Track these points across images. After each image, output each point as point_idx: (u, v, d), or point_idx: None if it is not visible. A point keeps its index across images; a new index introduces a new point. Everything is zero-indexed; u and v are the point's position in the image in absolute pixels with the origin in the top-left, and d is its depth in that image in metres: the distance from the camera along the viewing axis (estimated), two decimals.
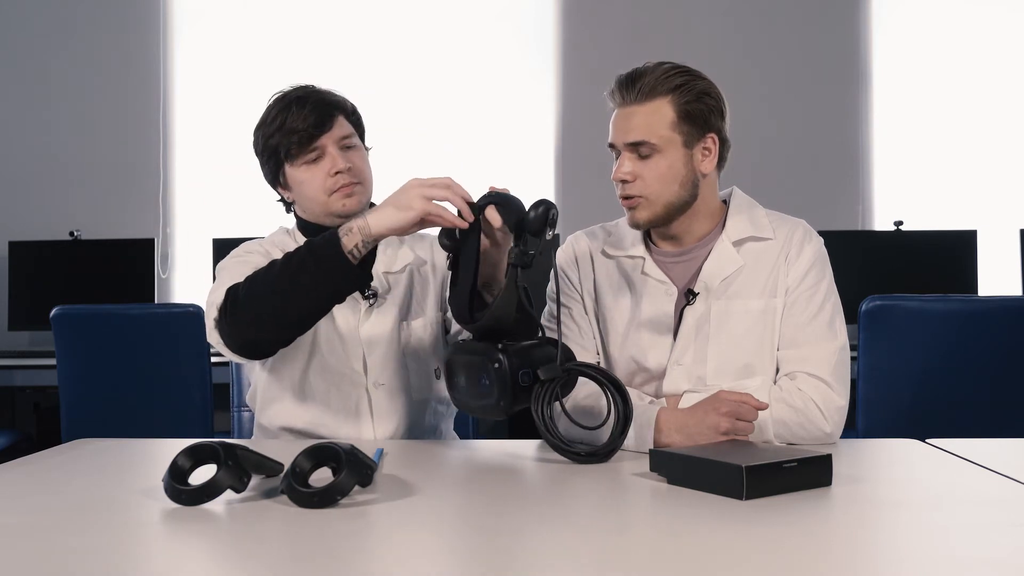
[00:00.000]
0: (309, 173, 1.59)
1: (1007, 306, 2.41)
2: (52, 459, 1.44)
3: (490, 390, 1.31)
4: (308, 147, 1.57)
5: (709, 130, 1.51)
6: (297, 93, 1.60)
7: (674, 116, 1.48)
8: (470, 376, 1.35)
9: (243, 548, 0.97)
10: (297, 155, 1.58)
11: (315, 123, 1.56)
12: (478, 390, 1.34)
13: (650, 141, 1.48)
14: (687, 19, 3.81)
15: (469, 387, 1.36)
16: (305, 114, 1.56)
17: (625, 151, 1.50)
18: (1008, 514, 1.05)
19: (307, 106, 1.57)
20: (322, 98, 1.60)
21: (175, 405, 2.74)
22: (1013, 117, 3.77)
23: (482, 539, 0.97)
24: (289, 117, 1.57)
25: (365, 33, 3.86)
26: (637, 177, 1.50)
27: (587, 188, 3.54)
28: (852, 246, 3.48)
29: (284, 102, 1.59)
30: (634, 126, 1.49)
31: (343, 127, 1.61)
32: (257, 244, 1.68)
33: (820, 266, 1.56)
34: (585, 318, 1.62)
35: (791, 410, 1.45)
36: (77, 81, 3.89)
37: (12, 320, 3.68)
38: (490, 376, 1.31)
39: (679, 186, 1.51)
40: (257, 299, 1.39)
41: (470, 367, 1.35)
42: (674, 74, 1.49)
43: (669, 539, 0.98)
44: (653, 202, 1.51)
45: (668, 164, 1.49)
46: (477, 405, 1.36)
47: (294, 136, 1.56)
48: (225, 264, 1.62)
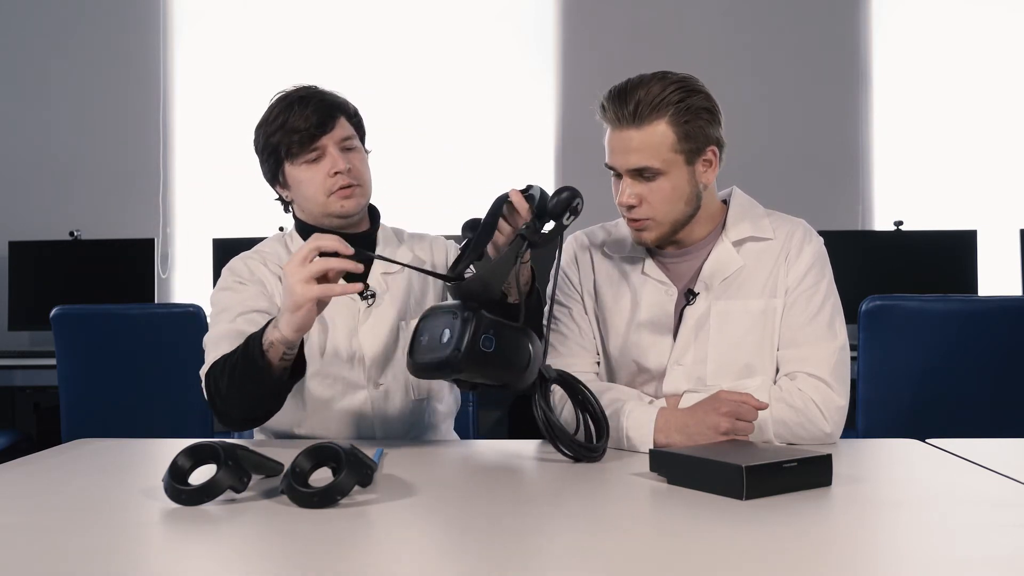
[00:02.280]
0: (309, 173, 1.59)
1: (1007, 306, 2.40)
2: (52, 459, 1.44)
3: (447, 344, 1.22)
4: (309, 147, 1.57)
5: (709, 143, 1.49)
6: (300, 93, 1.61)
7: (674, 138, 1.46)
8: (433, 332, 1.26)
9: (243, 548, 0.97)
10: (297, 154, 1.58)
11: (317, 123, 1.57)
12: (437, 343, 1.24)
13: (653, 166, 1.46)
14: (687, 19, 3.81)
15: (428, 342, 1.26)
16: (307, 114, 1.57)
17: (627, 175, 1.49)
18: (1008, 514, 1.05)
19: (310, 106, 1.57)
20: (324, 99, 1.60)
21: (175, 405, 2.73)
22: (1013, 117, 3.77)
23: (482, 539, 0.97)
24: (291, 116, 1.57)
25: (365, 33, 3.86)
26: (643, 201, 1.49)
27: (587, 188, 3.49)
28: (852, 246, 3.47)
29: (286, 101, 1.60)
30: (634, 151, 1.46)
31: (344, 128, 1.61)
32: (247, 264, 1.66)
33: (820, 266, 1.56)
34: (585, 318, 1.62)
35: (791, 410, 1.45)
36: (77, 81, 3.90)
37: (12, 320, 3.68)
38: (453, 329, 1.22)
39: (685, 204, 1.50)
40: (222, 399, 1.45)
41: (436, 320, 1.27)
42: (670, 92, 1.45)
43: (669, 539, 0.98)
44: (661, 222, 1.51)
45: (672, 185, 1.48)
46: (429, 359, 1.25)
47: (295, 135, 1.57)
48: (214, 303, 1.61)
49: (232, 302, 1.59)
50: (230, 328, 1.53)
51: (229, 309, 1.57)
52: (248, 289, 1.61)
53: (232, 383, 1.42)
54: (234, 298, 1.59)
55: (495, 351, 1.24)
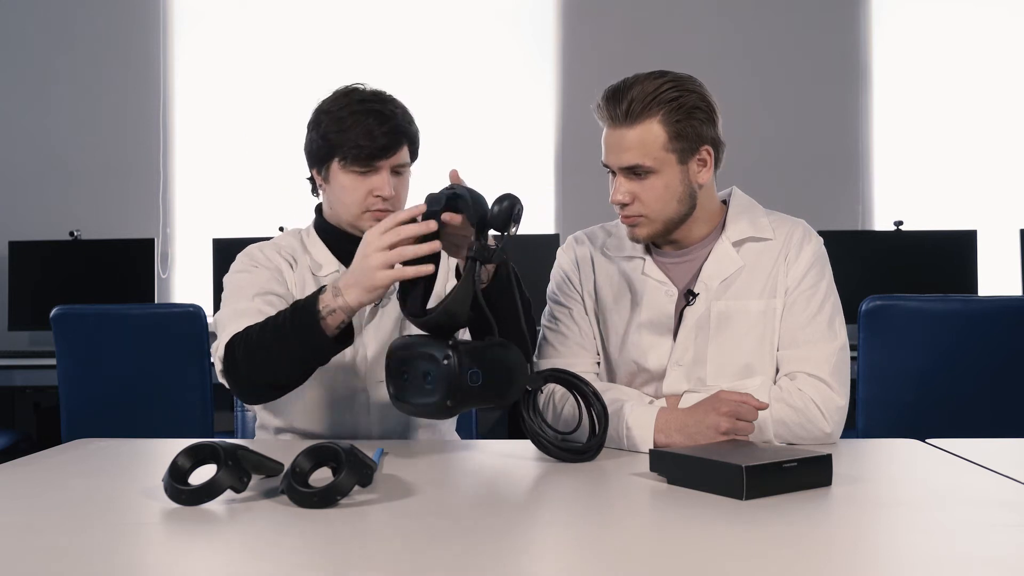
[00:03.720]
0: (353, 183, 1.56)
1: (1007, 306, 2.40)
2: (52, 459, 1.44)
3: (434, 389, 1.24)
4: (365, 163, 1.55)
5: (703, 143, 1.49)
6: (378, 107, 1.56)
7: (666, 137, 1.46)
8: (412, 373, 1.27)
9: (243, 548, 0.97)
10: (352, 163, 1.56)
11: (383, 147, 1.54)
12: (422, 387, 1.26)
13: (644, 164, 1.47)
14: (687, 19, 3.81)
15: (411, 384, 1.28)
16: (377, 134, 1.53)
17: (620, 174, 1.50)
18: (1008, 514, 1.05)
19: (385, 125, 1.54)
20: (398, 124, 1.56)
21: (175, 405, 2.73)
22: (1013, 117, 3.77)
23: (482, 539, 0.97)
24: (361, 127, 1.53)
25: (365, 33, 3.86)
26: (635, 199, 1.49)
27: (587, 188, 3.54)
28: (852, 246, 3.47)
29: (364, 107, 1.55)
30: (626, 149, 1.47)
31: (402, 156, 1.59)
32: (262, 251, 1.66)
33: (820, 266, 1.56)
34: (585, 319, 1.62)
35: (791, 410, 1.45)
36: (77, 81, 3.90)
37: (12, 320, 3.68)
38: (435, 373, 1.24)
39: (677, 202, 1.51)
40: (249, 364, 1.42)
41: (415, 362, 1.27)
42: (663, 90, 1.46)
43: (669, 539, 0.98)
44: (653, 220, 1.51)
45: (664, 184, 1.48)
46: (419, 403, 1.28)
47: (357, 149, 1.54)
48: (229, 283, 1.61)
49: (248, 283, 1.58)
50: (249, 306, 1.52)
51: (245, 288, 1.56)
52: (263, 272, 1.60)
53: (269, 348, 1.39)
54: (250, 279, 1.59)
55: (483, 383, 1.25)
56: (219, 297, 1.63)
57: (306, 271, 1.64)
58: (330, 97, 1.60)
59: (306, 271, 1.64)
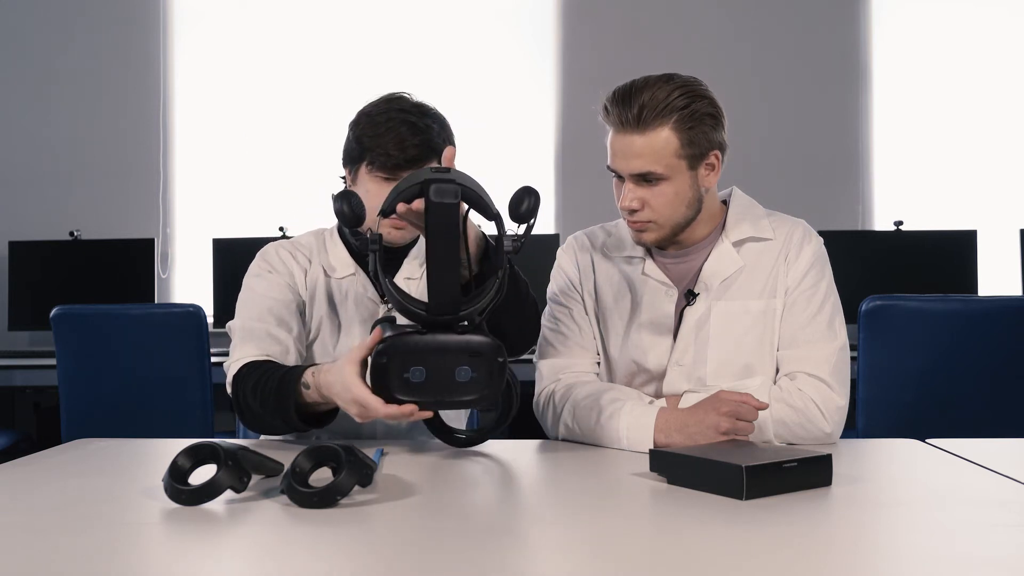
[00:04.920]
0: (378, 188, 1.55)
1: (1007, 306, 2.40)
2: (52, 459, 1.44)
3: (478, 385, 1.21)
4: (391, 171, 1.54)
5: (712, 148, 1.49)
6: (414, 119, 1.55)
7: (677, 144, 1.45)
8: (442, 368, 1.21)
9: (243, 548, 0.97)
10: (379, 169, 1.55)
11: (412, 158, 1.53)
12: (455, 382, 1.22)
13: (656, 172, 1.46)
14: (687, 19, 3.81)
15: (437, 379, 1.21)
16: (410, 144, 1.53)
17: (630, 179, 1.48)
18: (1008, 514, 1.05)
19: (417, 138, 1.53)
20: (431, 139, 1.55)
21: (175, 405, 2.73)
22: (1013, 117, 3.77)
23: (481, 539, 0.97)
24: (396, 136, 1.53)
25: (365, 33, 3.86)
26: (645, 205, 1.48)
27: (587, 188, 3.54)
28: (852, 246, 3.48)
29: (401, 117, 1.55)
30: (636, 156, 1.45)
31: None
32: (278, 253, 1.66)
33: (820, 266, 1.56)
34: (586, 318, 1.62)
35: (791, 410, 1.45)
36: (77, 81, 3.90)
37: (12, 320, 3.68)
38: (481, 370, 1.21)
39: (686, 208, 1.50)
40: (249, 418, 1.50)
41: (446, 356, 1.21)
42: (675, 97, 1.44)
43: (669, 539, 0.98)
44: (662, 225, 1.51)
45: (675, 190, 1.48)
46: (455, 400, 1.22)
47: (387, 158, 1.53)
48: (245, 287, 1.63)
49: (261, 292, 1.60)
50: (256, 327, 1.56)
51: (257, 300, 1.59)
52: (274, 278, 1.62)
53: (261, 416, 1.46)
54: (263, 287, 1.61)
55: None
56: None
57: (320, 272, 1.65)
58: (375, 100, 1.60)
59: (320, 272, 1.65)
